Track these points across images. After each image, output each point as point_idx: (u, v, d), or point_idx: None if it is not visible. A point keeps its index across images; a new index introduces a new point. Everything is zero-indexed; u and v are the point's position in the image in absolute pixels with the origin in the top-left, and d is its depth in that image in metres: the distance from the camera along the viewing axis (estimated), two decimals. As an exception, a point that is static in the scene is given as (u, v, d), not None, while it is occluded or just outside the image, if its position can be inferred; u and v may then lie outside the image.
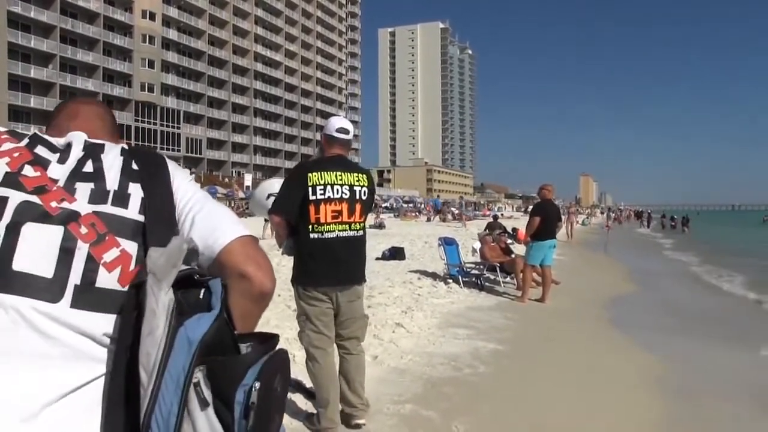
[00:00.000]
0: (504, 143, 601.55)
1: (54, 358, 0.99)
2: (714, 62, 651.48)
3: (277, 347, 1.04)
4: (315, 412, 3.88)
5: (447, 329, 7.07)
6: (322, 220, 3.63)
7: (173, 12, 74.92)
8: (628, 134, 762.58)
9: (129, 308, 1.04)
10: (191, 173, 1.32)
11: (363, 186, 3.83)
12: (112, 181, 1.16)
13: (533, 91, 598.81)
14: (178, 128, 73.99)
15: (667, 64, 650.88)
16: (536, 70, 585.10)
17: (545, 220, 9.52)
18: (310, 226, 3.62)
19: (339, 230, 3.68)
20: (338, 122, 3.94)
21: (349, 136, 3.96)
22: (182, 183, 1.25)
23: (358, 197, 3.78)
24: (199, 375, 0.95)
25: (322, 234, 3.64)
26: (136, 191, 1.17)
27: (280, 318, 6.55)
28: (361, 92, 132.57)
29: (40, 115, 59.23)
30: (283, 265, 10.83)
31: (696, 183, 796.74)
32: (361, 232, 3.85)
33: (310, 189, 3.61)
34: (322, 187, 3.64)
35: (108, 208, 1.12)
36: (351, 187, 3.75)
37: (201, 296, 1.03)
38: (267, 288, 1.16)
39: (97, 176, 1.16)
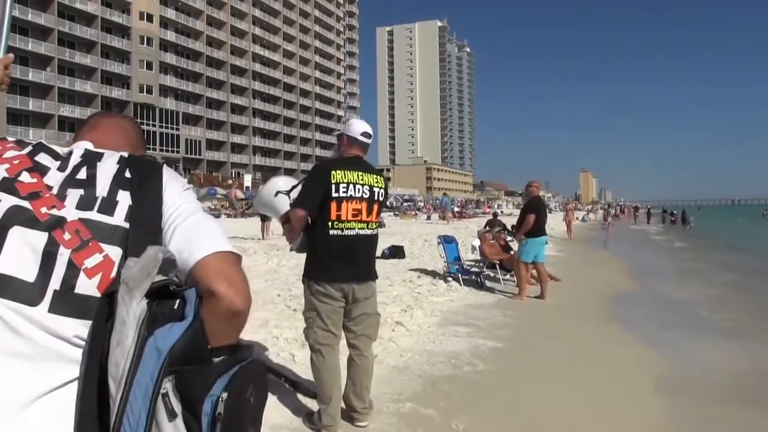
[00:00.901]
0: (503, 141, 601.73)
1: (29, 359, 0.99)
2: (713, 58, 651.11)
3: (252, 358, 1.04)
4: (314, 410, 3.89)
5: (447, 327, 7.07)
6: (344, 218, 3.70)
7: (171, 13, 74.83)
8: (627, 130, 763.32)
9: (102, 317, 1.03)
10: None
11: (381, 188, 3.93)
12: (102, 188, 1.17)
13: (532, 88, 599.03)
14: (177, 129, 73.92)
15: (666, 61, 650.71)
16: (534, 68, 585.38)
17: (538, 217, 9.53)
18: (331, 223, 3.68)
19: (359, 228, 3.77)
20: (363, 126, 4.00)
21: (371, 140, 4.04)
22: (173, 193, 1.24)
23: (376, 198, 3.87)
24: (167, 386, 0.94)
25: (342, 231, 3.71)
26: (124, 199, 1.17)
27: (279, 318, 6.55)
28: (360, 91, 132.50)
29: (38, 118, 59.24)
30: (283, 265, 10.91)
31: (696, 178, 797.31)
32: (376, 231, 3.96)
33: (333, 186, 3.68)
34: (345, 185, 3.71)
35: (93, 215, 1.13)
36: (371, 187, 3.84)
37: (176, 306, 1.02)
38: (237, 307, 1.10)
39: (89, 183, 1.17)
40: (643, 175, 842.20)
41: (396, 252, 14.06)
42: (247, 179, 58.39)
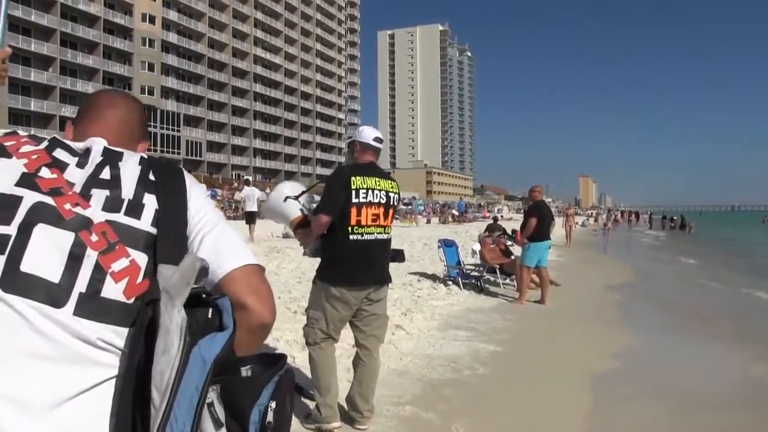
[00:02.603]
0: (503, 145, 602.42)
1: (54, 361, 0.98)
2: (713, 64, 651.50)
3: (287, 367, 1.06)
4: (311, 411, 3.90)
5: (447, 331, 7.08)
6: (363, 223, 3.77)
7: (173, 15, 74.96)
8: (627, 135, 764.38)
9: (140, 324, 1.02)
10: (208, 192, 1.29)
11: (395, 193, 4.02)
12: (128, 190, 1.15)
13: (532, 92, 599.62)
14: (178, 131, 74.00)
15: (667, 66, 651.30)
16: (535, 72, 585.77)
17: (541, 221, 9.55)
18: (351, 228, 3.75)
19: (377, 233, 3.85)
20: (374, 132, 4.06)
21: (382, 145, 4.12)
22: (198, 199, 1.23)
23: (392, 203, 3.96)
24: (212, 395, 0.95)
25: (362, 235, 3.78)
26: (150, 202, 1.15)
27: (279, 320, 6.54)
28: (361, 94, 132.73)
29: (40, 118, 59.27)
30: (283, 268, 10.92)
31: (696, 184, 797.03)
32: (390, 235, 4.04)
33: (353, 192, 3.74)
34: (365, 191, 3.78)
35: (121, 218, 1.11)
36: (387, 193, 3.92)
37: (209, 315, 1.03)
38: (266, 320, 1.13)
39: (114, 184, 1.15)
40: (644, 180, 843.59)
41: (396, 255, 13.98)
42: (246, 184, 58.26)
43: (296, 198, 4.06)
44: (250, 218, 17.80)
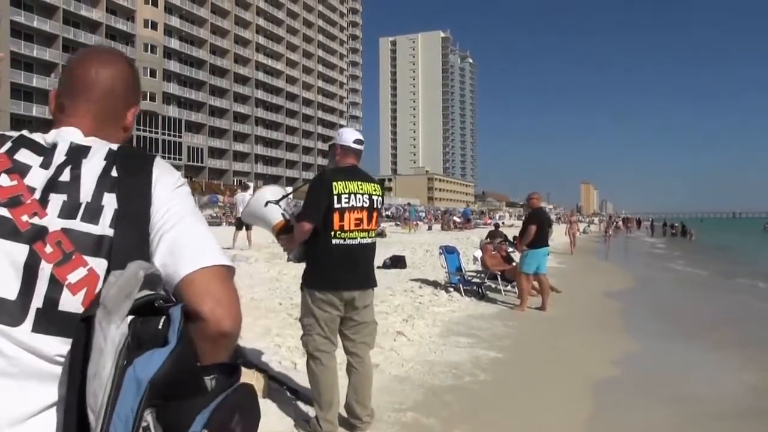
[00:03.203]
0: (505, 151, 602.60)
1: (14, 378, 0.95)
2: (714, 70, 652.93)
3: (239, 383, 0.97)
4: (312, 416, 3.90)
5: (448, 337, 7.08)
6: (346, 227, 3.74)
7: (175, 21, 75.21)
8: (629, 142, 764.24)
9: (79, 342, 0.94)
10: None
11: (378, 195, 3.97)
12: (86, 192, 1.08)
13: (534, 99, 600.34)
14: (180, 137, 74.11)
15: (668, 72, 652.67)
16: (537, 78, 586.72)
17: (540, 228, 9.57)
18: (333, 233, 3.71)
19: (360, 237, 3.81)
20: (354, 134, 4.05)
21: (363, 147, 4.08)
22: (163, 192, 1.13)
23: (375, 206, 3.92)
24: (149, 418, 0.87)
25: (345, 240, 3.75)
26: (110, 203, 1.08)
27: (281, 326, 6.56)
28: (363, 101, 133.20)
29: (42, 124, 59.29)
30: (285, 274, 10.92)
31: (697, 190, 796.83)
32: (375, 239, 4.00)
33: (335, 197, 3.71)
34: (347, 195, 3.75)
35: (77, 224, 1.05)
36: (370, 196, 3.88)
37: (160, 326, 0.92)
38: (225, 329, 1.02)
39: (73, 187, 1.08)
40: (645, 187, 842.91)
41: (397, 262, 14.06)
42: (250, 187, 58.38)
43: (277, 202, 4.02)
44: (242, 223, 17.31)
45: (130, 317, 0.93)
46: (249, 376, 4.29)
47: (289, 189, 4.37)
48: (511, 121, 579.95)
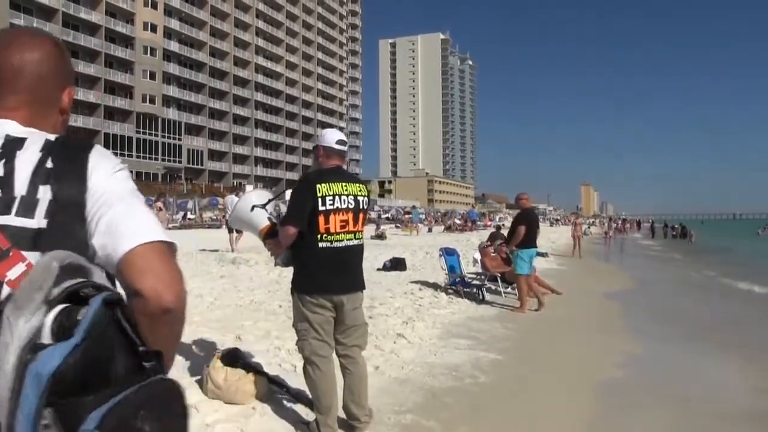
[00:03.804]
0: (505, 153, 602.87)
1: None
2: (715, 71, 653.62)
3: (159, 376, 0.90)
4: (312, 420, 3.88)
5: (448, 339, 7.07)
6: (332, 230, 3.69)
7: (175, 24, 75.30)
8: (629, 144, 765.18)
9: None
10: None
11: (364, 196, 3.92)
12: (20, 186, 1.06)
13: (534, 100, 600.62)
14: (180, 139, 74.18)
15: (668, 74, 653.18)
16: (536, 80, 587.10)
17: (529, 229, 9.57)
18: (319, 236, 3.67)
19: (347, 239, 3.76)
20: (336, 135, 4.02)
21: (346, 148, 4.05)
22: (100, 178, 1.10)
23: (361, 207, 3.86)
24: (48, 416, 0.82)
25: (331, 243, 3.70)
26: (45, 195, 1.05)
27: (281, 329, 6.55)
28: (362, 103, 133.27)
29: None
30: (284, 277, 10.89)
31: (697, 192, 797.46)
32: (362, 241, 3.95)
33: (319, 200, 3.66)
34: (331, 197, 3.70)
35: (12, 219, 1.02)
36: (355, 197, 3.82)
37: (80, 316, 0.87)
38: (167, 304, 0.98)
39: (7, 181, 1.06)
40: (645, 189, 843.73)
41: (397, 264, 14.06)
42: (249, 189, 58.34)
43: (263, 206, 4.00)
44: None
45: (60, 307, 0.88)
46: (248, 379, 4.30)
47: (269, 194, 4.33)
48: (511, 122, 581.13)
